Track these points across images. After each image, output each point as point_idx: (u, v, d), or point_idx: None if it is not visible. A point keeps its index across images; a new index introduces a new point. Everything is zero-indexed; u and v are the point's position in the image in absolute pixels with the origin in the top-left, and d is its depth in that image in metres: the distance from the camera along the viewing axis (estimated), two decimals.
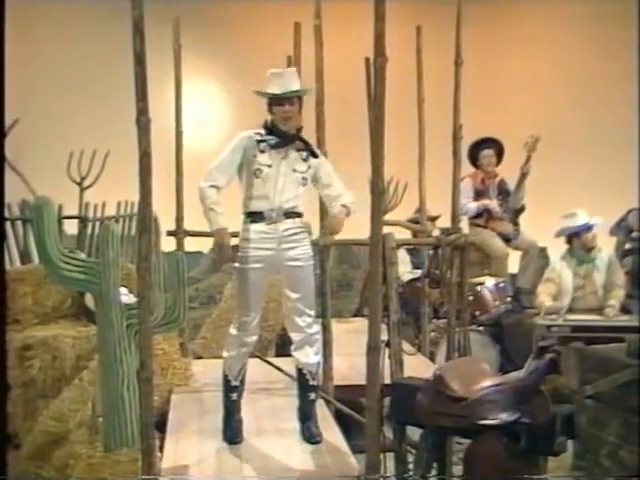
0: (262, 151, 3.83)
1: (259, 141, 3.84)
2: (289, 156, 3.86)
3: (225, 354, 3.98)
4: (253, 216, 3.85)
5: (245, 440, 3.94)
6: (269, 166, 3.81)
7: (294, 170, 3.85)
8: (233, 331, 3.92)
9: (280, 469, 3.59)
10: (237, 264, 3.89)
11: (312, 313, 3.98)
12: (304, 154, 3.89)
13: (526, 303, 6.81)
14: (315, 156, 3.92)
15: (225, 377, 3.99)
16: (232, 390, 3.99)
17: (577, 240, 6.30)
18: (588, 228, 6.28)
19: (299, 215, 3.90)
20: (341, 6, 7.48)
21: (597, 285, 6.30)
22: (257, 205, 3.84)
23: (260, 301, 3.93)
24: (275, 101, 3.84)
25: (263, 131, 3.89)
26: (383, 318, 3.44)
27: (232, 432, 3.94)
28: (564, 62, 9.64)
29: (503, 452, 2.92)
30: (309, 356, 3.97)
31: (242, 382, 4.01)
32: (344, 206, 3.87)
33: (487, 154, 7.01)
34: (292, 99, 3.84)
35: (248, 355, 4.00)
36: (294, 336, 3.98)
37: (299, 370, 4.03)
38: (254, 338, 3.95)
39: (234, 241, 3.90)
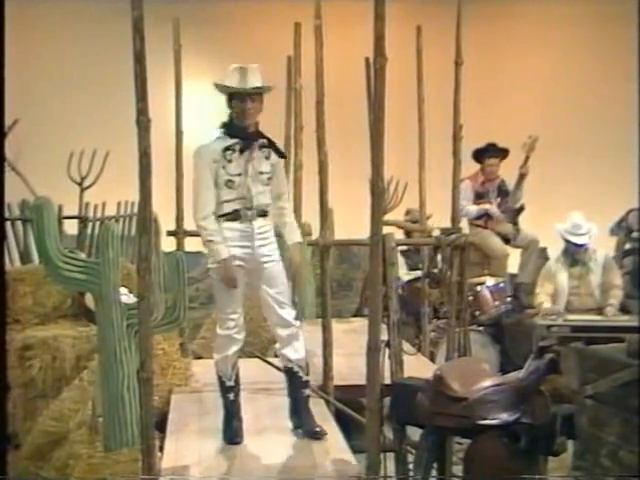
0: (230, 161, 3.77)
1: (225, 150, 3.78)
2: (254, 158, 3.81)
3: (216, 356, 3.95)
4: (228, 215, 3.81)
5: (245, 440, 3.94)
6: (239, 174, 3.78)
7: (260, 172, 3.83)
8: (222, 332, 3.89)
9: (280, 469, 3.58)
10: (213, 265, 3.82)
11: (292, 306, 3.97)
12: (266, 151, 3.85)
13: (525, 299, 6.82)
14: (279, 154, 3.90)
15: (219, 379, 3.97)
16: (228, 391, 3.97)
17: (571, 248, 6.31)
18: (585, 248, 6.31)
19: (267, 214, 3.91)
20: (341, 6, 7.48)
21: (592, 286, 6.31)
22: (232, 206, 3.80)
23: (242, 299, 3.92)
24: (236, 97, 3.77)
25: (222, 133, 3.83)
26: (383, 318, 3.44)
27: (232, 432, 3.93)
28: (564, 62, 9.64)
29: (503, 452, 2.92)
30: (298, 351, 3.95)
31: (237, 381, 3.98)
32: (297, 243, 3.94)
33: (493, 162, 7.00)
34: (254, 96, 3.79)
35: (238, 353, 3.97)
36: (281, 331, 3.92)
37: (289, 369, 3.98)
38: (242, 336, 3.93)
39: None
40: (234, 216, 3.81)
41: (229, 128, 3.83)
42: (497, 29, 9.96)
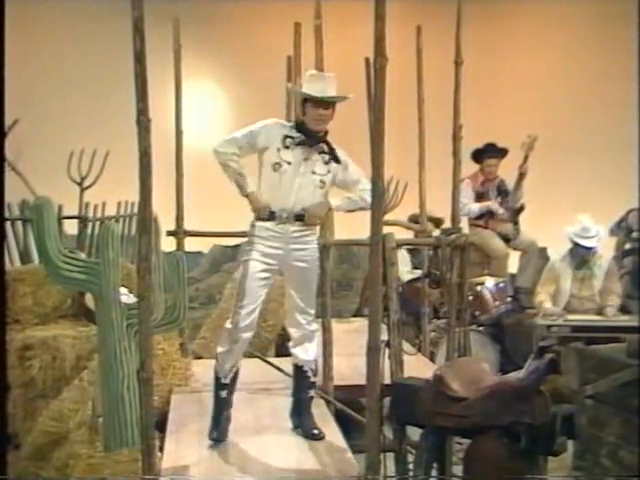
0: (287, 146, 3.82)
1: (286, 136, 3.83)
2: (311, 157, 3.86)
3: (218, 349, 3.95)
4: (264, 216, 3.84)
5: (245, 440, 3.94)
6: (289, 163, 3.81)
7: (313, 172, 3.85)
8: (228, 325, 3.90)
9: (280, 469, 3.59)
10: (244, 257, 3.90)
11: (313, 312, 4.02)
12: (326, 157, 3.89)
13: (525, 302, 6.82)
14: (337, 162, 3.91)
15: (216, 374, 3.96)
16: (222, 388, 3.95)
17: (581, 250, 6.30)
18: (594, 251, 6.30)
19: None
20: (341, 6, 7.47)
21: (594, 291, 6.31)
22: (271, 203, 3.83)
23: (260, 297, 3.90)
24: (311, 103, 3.83)
25: (292, 127, 3.89)
26: (383, 318, 3.44)
27: (219, 431, 3.90)
28: (564, 62, 9.64)
29: (503, 452, 2.92)
30: (308, 352, 4.01)
31: (233, 381, 3.96)
32: (327, 201, 3.94)
33: (492, 163, 7.00)
34: (328, 104, 3.85)
35: (241, 354, 3.96)
36: (293, 332, 4.01)
37: (299, 367, 4.04)
38: (248, 335, 3.90)
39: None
40: (269, 217, 3.83)
41: (298, 127, 3.88)
42: (497, 29, 9.95)
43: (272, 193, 3.83)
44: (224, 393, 3.96)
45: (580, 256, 6.29)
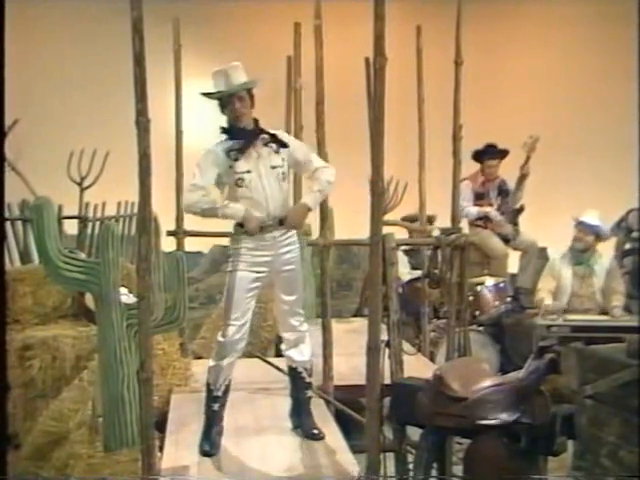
0: (236, 159, 3.70)
1: (228, 151, 3.72)
2: (262, 154, 3.75)
3: (211, 363, 3.86)
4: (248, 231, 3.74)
5: (245, 440, 3.94)
6: (249, 172, 3.71)
7: (273, 167, 3.75)
8: (221, 339, 3.79)
9: (280, 469, 3.59)
10: (229, 269, 3.80)
11: (302, 312, 3.97)
12: (274, 146, 3.78)
13: (525, 303, 6.81)
14: (284, 145, 3.81)
15: (208, 386, 3.88)
16: (214, 400, 3.87)
17: (580, 232, 6.29)
18: (596, 231, 6.29)
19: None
20: (341, 6, 7.47)
21: (594, 288, 6.30)
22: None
23: (250, 308, 3.82)
24: (225, 100, 3.72)
25: (224, 137, 3.78)
26: (383, 318, 3.44)
27: (210, 443, 3.81)
28: (564, 62, 9.64)
29: (503, 452, 2.92)
30: (303, 353, 4.00)
31: (226, 393, 3.89)
32: (304, 203, 3.84)
33: (492, 164, 6.98)
34: (242, 95, 3.72)
35: (234, 365, 3.86)
36: (287, 335, 3.98)
37: (294, 369, 4.02)
38: (240, 346, 3.83)
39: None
40: (261, 230, 3.72)
41: (228, 132, 3.79)
42: (497, 29, 9.96)
43: (249, 207, 3.71)
44: (216, 406, 3.87)
45: (577, 250, 6.28)
